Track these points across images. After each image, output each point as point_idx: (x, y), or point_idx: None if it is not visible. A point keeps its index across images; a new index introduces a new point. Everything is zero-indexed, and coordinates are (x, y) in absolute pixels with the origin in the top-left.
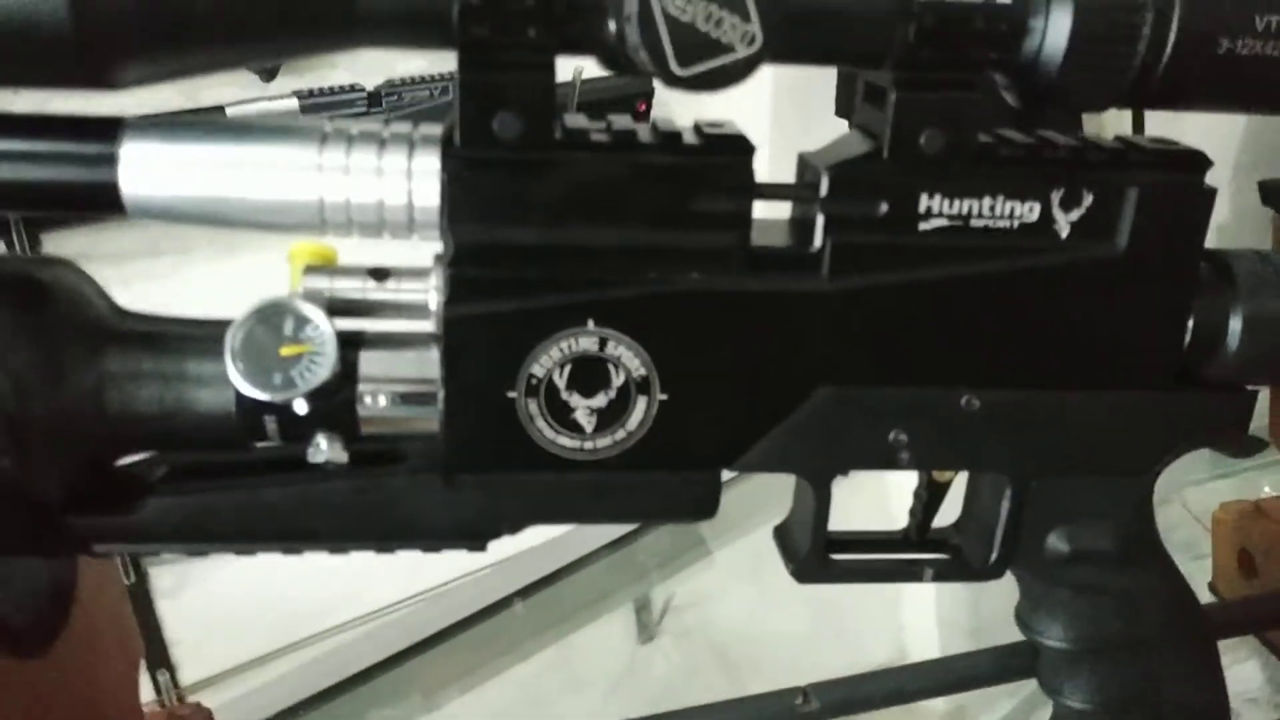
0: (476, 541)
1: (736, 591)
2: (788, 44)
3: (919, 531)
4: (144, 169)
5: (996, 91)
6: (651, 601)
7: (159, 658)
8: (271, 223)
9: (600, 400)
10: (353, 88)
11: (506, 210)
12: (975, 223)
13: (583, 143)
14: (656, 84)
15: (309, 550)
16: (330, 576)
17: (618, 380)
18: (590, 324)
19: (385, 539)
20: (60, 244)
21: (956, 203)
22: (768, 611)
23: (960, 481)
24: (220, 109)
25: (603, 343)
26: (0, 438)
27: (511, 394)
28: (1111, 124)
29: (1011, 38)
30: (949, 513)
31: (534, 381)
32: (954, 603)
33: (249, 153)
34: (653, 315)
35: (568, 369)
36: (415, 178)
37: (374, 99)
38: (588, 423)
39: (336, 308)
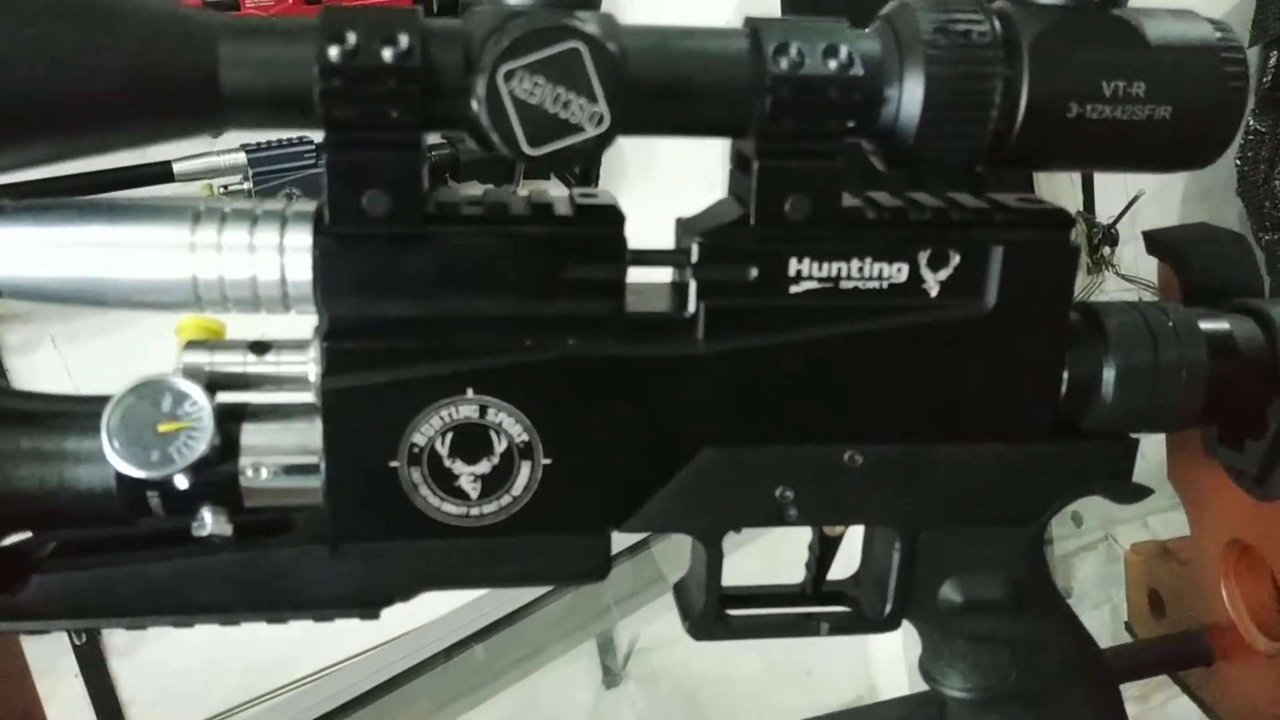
0: (368, 610)
1: None
2: (640, 119)
3: (814, 585)
4: (13, 251)
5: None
6: (615, 644)
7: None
8: (148, 302)
9: (484, 467)
10: (301, 139)
11: (379, 284)
12: (845, 284)
13: (453, 217)
14: None
15: (200, 623)
16: (287, 629)
17: (500, 446)
18: (469, 392)
19: (275, 609)
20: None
21: (825, 265)
22: (735, 650)
23: (857, 534)
24: (168, 164)
25: (483, 410)
26: None
27: (394, 463)
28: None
29: (867, 107)
30: (849, 565)
31: (416, 450)
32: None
33: (121, 233)
34: (531, 382)
35: (449, 437)
36: (288, 253)
37: (321, 150)
38: (472, 489)
39: (218, 382)
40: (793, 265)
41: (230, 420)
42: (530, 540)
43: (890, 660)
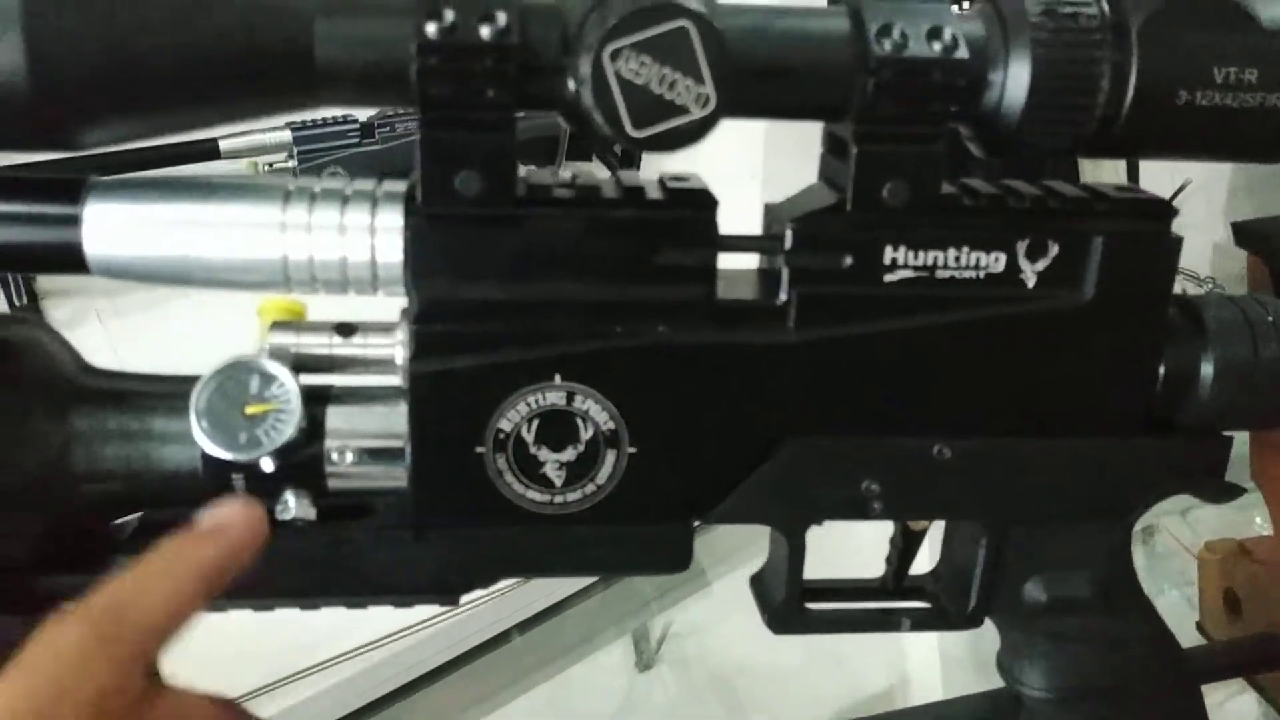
0: (448, 596)
1: (735, 620)
2: (743, 101)
3: (895, 580)
4: (107, 229)
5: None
6: (650, 630)
7: None
8: (236, 281)
9: (569, 454)
10: (345, 118)
11: (470, 266)
12: (941, 273)
13: (545, 199)
14: None
15: (279, 607)
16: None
17: (586, 434)
18: (557, 378)
19: (355, 595)
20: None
21: (921, 254)
22: (767, 640)
23: (937, 528)
24: (214, 141)
25: (570, 397)
26: None
27: (480, 449)
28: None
29: (971, 91)
30: (927, 558)
31: (502, 436)
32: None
33: (212, 212)
34: (619, 369)
35: (535, 423)
36: (378, 234)
37: (366, 130)
38: (557, 477)
39: (303, 363)
40: (888, 253)
41: (315, 403)
42: (612, 530)
43: (924, 649)
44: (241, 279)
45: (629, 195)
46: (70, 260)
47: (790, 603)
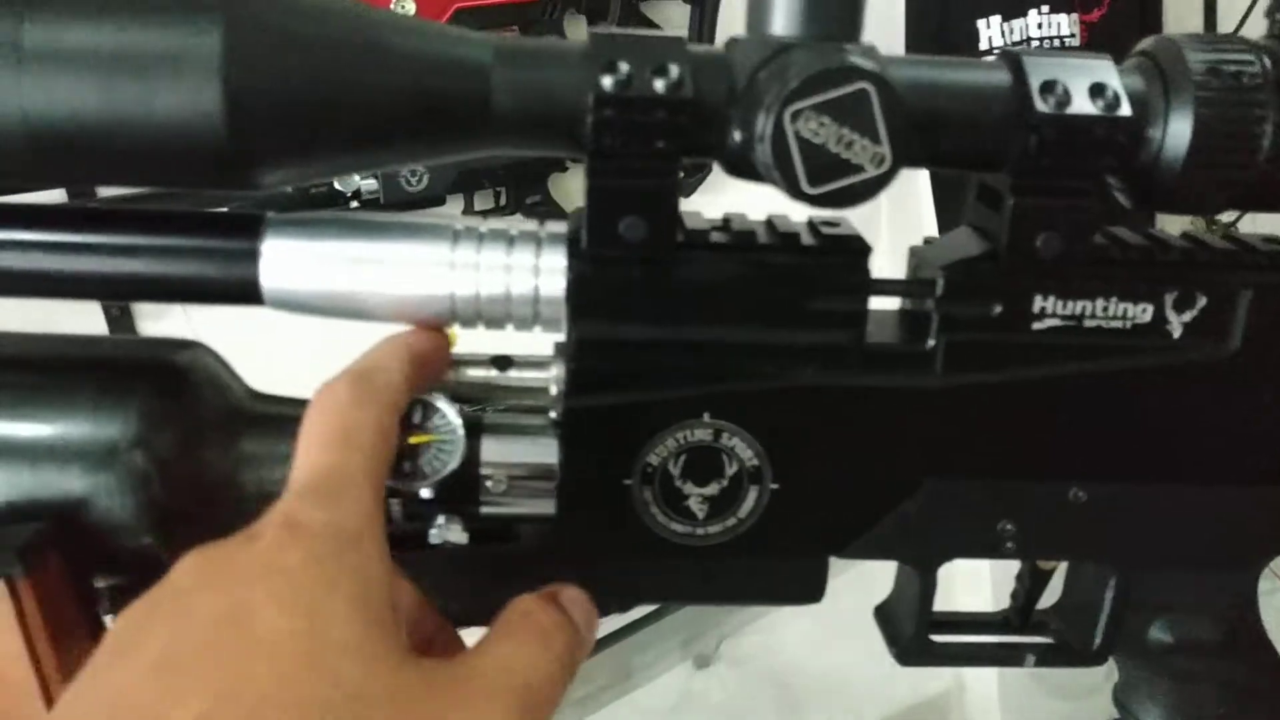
0: None
1: (793, 619)
2: (908, 154)
3: (1020, 616)
4: (285, 265)
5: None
6: (708, 628)
7: None
8: (404, 314)
9: (713, 489)
10: None
11: (628, 308)
12: (1088, 323)
13: (703, 244)
14: None
15: None
16: None
17: (730, 470)
18: (706, 416)
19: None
20: None
21: (1070, 304)
22: (825, 638)
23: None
24: None
25: (717, 434)
26: (144, 518)
27: (627, 481)
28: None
29: (1130, 146)
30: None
31: (650, 470)
32: None
33: (386, 250)
34: (767, 409)
35: (683, 459)
36: (542, 274)
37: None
38: (700, 510)
39: (459, 394)
40: (1037, 302)
41: (472, 433)
42: (749, 562)
43: None
44: (412, 314)
45: (784, 241)
46: (247, 294)
47: (919, 636)
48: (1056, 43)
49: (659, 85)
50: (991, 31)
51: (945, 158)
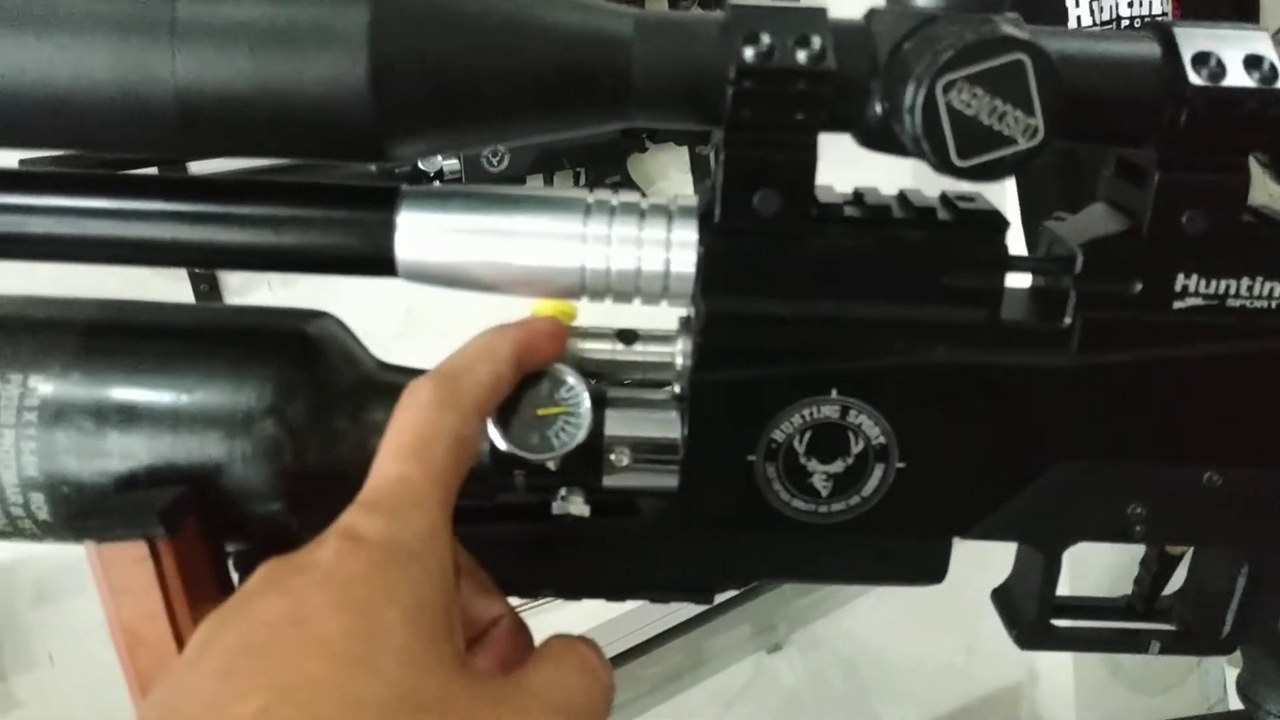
0: (703, 594)
1: (867, 606)
2: (1059, 128)
3: (1145, 602)
4: (419, 237)
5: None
6: (779, 611)
7: None
8: (534, 287)
9: (838, 466)
10: None
11: (759, 282)
12: (1231, 302)
13: (837, 218)
14: None
15: (545, 596)
16: None
17: (856, 448)
18: (834, 393)
19: (616, 589)
20: None
21: (1213, 282)
22: (896, 626)
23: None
24: None
25: (844, 411)
26: (275, 485)
27: (751, 457)
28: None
29: None
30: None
31: (774, 446)
32: None
33: (518, 222)
34: (897, 386)
35: (808, 435)
36: (674, 248)
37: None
38: (824, 487)
39: (585, 368)
40: (1180, 281)
41: (598, 406)
42: (872, 541)
43: None
44: (543, 286)
45: (920, 216)
46: (382, 265)
47: (1041, 620)
48: (1147, 21)
49: (801, 56)
50: (1080, 10)
51: (1092, 132)
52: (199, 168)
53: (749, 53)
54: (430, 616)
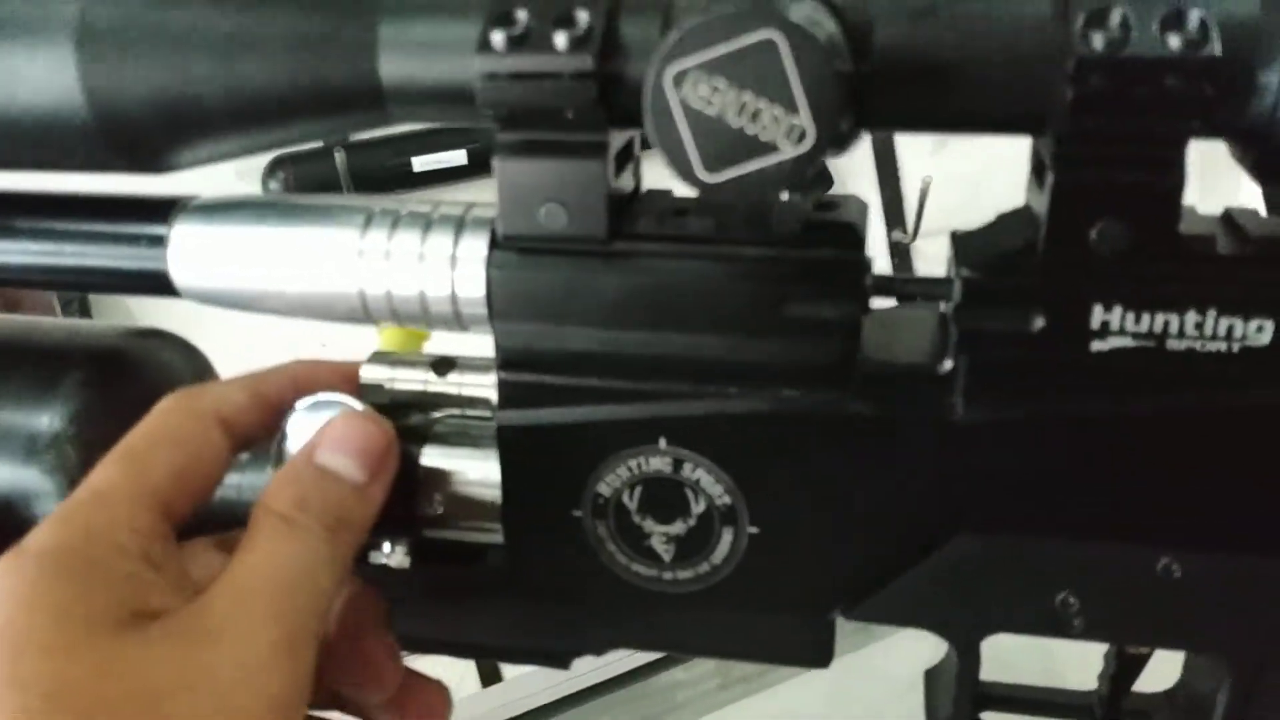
0: (555, 661)
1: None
2: (886, 112)
3: (1107, 705)
4: (190, 253)
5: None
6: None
7: None
8: (314, 314)
9: (678, 528)
10: None
11: (560, 310)
12: (1174, 344)
13: (648, 233)
14: None
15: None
16: None
17: (697, 508)
18: (662, 443)
19: (456, 648)
20: None
21: (1146, 318)
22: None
23: None
24: None
25: (677, 464)
26: None
27: (577, 513)
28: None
29: (1230, 98)
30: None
31: (601, 501)
32: None
33: (291, 237)
34: (736, 437)
35: (638, 490)
36: (460, 265)
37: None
38: (665, 551)
39: (401, 400)
40: (1097, 315)
41: (413, 442)
42: (735, 614)
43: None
44: (320, 313)
45: (754, 229)
46: (159, 284)
47: (956, 717)
48: None
49: (560, 40)
50: None
51: (954, 119)
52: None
53: (498, 37)
54: (85, 608)
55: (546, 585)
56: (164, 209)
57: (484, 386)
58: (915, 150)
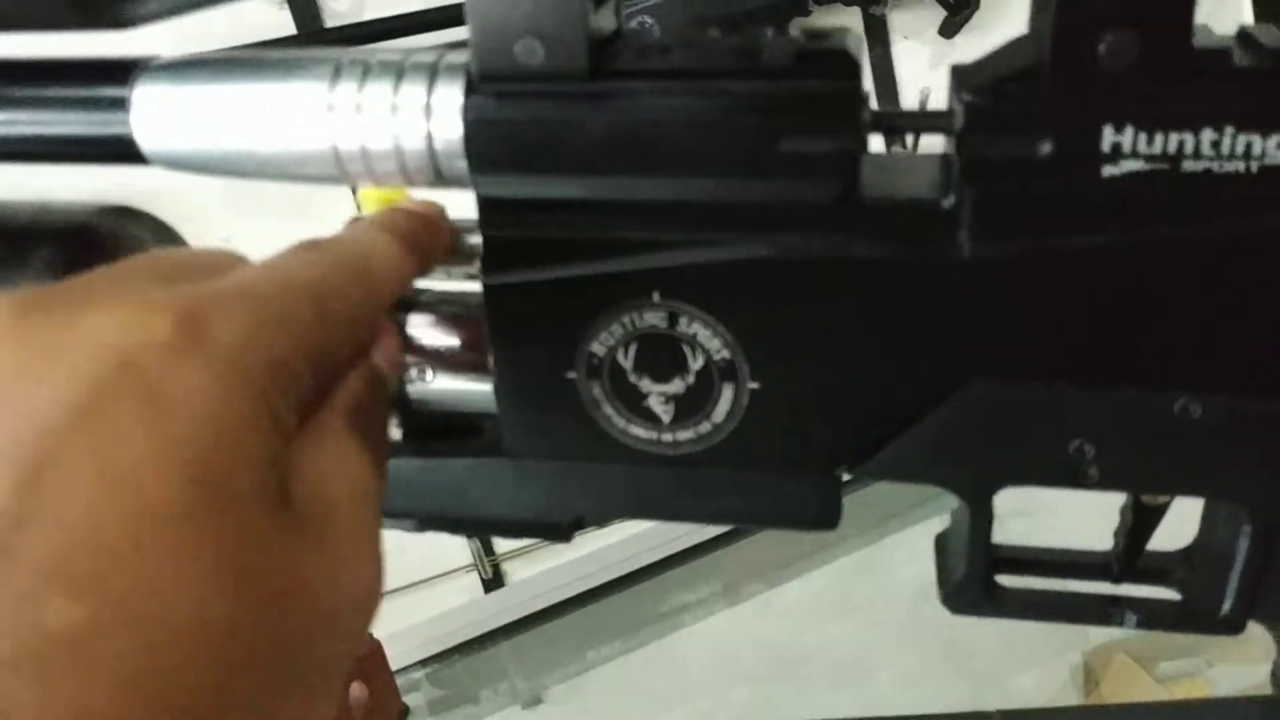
0: (556, 533)
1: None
2: None
3: (1124, 561)
4: (155, 117)
5: None
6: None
7: None
8: (286, 174)
9: (676, 386)
10: None
11: (543, 156)
12: (1189, 165)
13: (633, 69)
14: None
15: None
16: None
17: (695, 364)
18: (655, 296)
19: (455, 523)
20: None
21: (1159, 138)
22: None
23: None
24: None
25: (672, 319)
26: None
27: (571, 374)
28: None
29: None
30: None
31: (595, 361)
32: None
33: (257, 93)
34: (733, 287)
35: (633, 348)
36: (435, 116)
37: None
38: (663, 411)
39: None
40: (1108, 136)
41: (399, 310)
42: (737, 475)
43: None
44: (293, 173)
45: (743, 62)
46: (124, 151)
47: (973, 579)
48: None
49: None
50: None
51: None
52: None
53: None
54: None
55: (542, 451)
56: (123, 70)
57: (474, 246)
58: (913, 64)
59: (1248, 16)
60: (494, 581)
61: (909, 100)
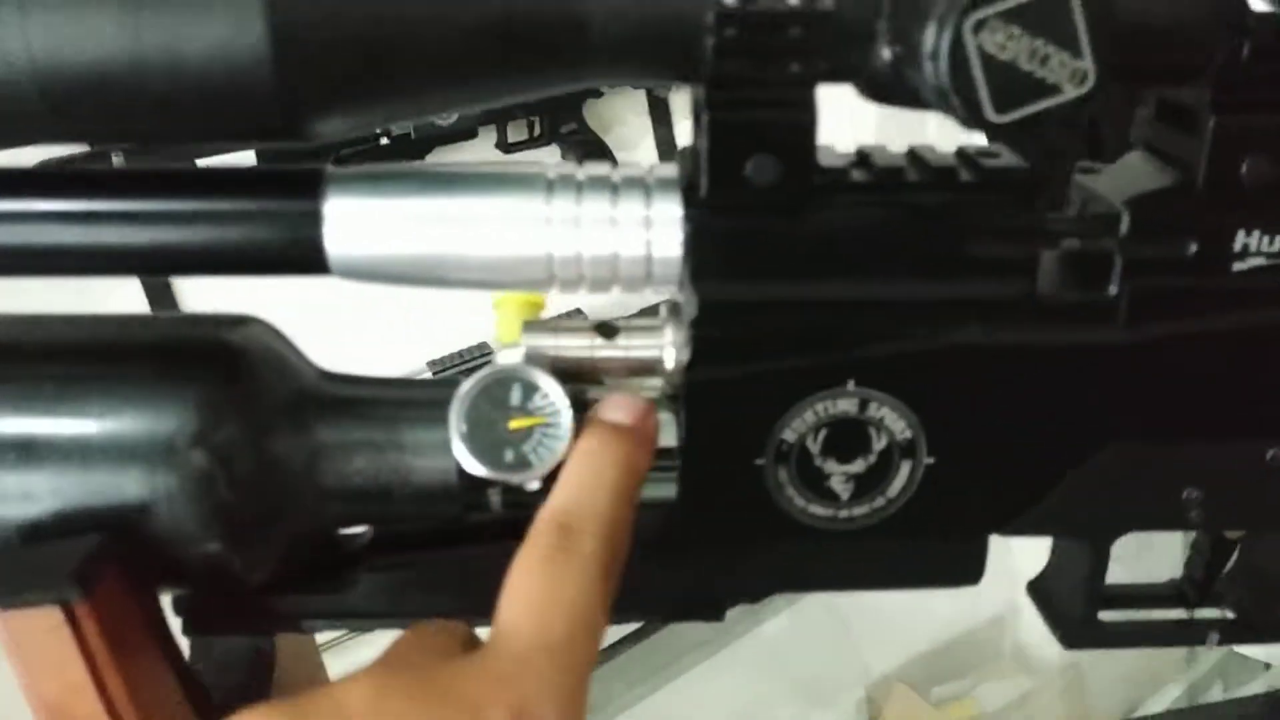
0: (711, 612)
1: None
2: (1114, 71)
3: (1199, 589)
4: (352, 227)
5: None
6: None
7: None
8: (493, 280)
9: (859, 466)
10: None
11: (758, 262)
12: None
13: (843, 184)
14: None
15: None
16: None
17: (879, 444)
18: (851, 385)
19: (615, 610)
20: None
21: (1278, 239)
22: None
23: None
24: None
25: (864, 404)
26: (210, 523)
27: (759, 461)
28: None
29: None
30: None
31: (785, 447)
32: None
33: (467, 206)
34: (922, 374)
35: (823, 433)
36: (655, 227)
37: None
38: (843, 490)
39: (559, 368)
40: (1240, 239)
41: (578, 412)
42: (900, 545)
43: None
44: (502, 278)
45: (938, 177)
46: (310, 262)
47: (1088, 616)
48: None
49: None
50: None
51: (1139, 72)
52: None
53: None
54: None
55: (718, 535)
56: (311, 181)
57: (649, 350)
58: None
59: None
60: None
61: None
